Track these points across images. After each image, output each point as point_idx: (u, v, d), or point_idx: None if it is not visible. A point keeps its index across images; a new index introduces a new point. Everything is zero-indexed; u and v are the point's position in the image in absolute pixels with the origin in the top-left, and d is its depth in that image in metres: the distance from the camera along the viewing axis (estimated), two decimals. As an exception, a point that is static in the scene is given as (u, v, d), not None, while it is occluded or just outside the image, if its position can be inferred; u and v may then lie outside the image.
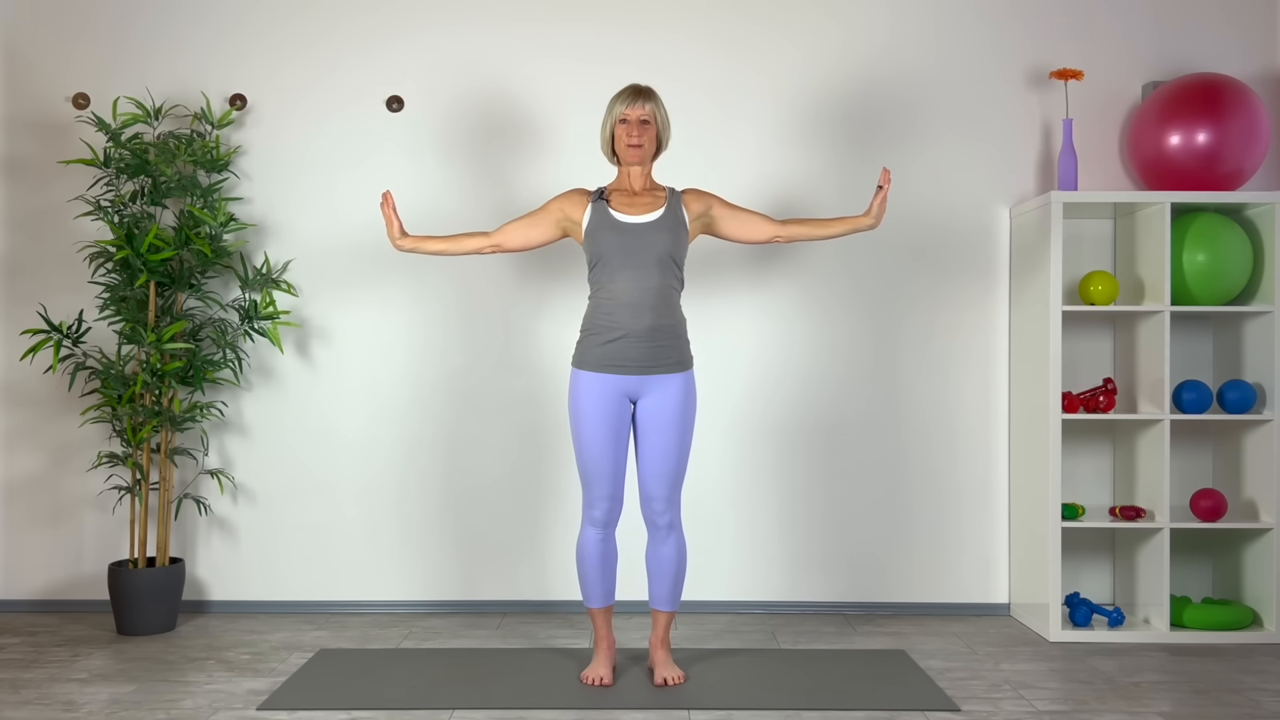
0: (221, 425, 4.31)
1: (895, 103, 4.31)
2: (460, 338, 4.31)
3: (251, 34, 4.32)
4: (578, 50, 4.29)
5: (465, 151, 4.30)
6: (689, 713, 3.16)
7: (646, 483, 3.38)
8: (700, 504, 4.27)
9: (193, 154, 4.03)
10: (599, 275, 3.35)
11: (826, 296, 4.31)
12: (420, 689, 3.34)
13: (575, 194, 3.44)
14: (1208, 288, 3.97)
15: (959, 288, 4.31)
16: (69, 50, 4.31)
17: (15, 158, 4.32)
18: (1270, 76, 4.30)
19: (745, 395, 4.31)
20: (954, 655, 3.75)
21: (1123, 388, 4.22)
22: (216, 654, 3.75)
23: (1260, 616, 3.99)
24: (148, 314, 4.02)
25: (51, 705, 3.22)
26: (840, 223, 3.45)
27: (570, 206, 3.43)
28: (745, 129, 4.28)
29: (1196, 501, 3.97)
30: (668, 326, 3.33)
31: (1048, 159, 4.30)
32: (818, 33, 4.31)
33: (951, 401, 4.30)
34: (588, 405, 3.32)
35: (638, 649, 3.78)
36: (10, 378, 4.32)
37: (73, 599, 4.31)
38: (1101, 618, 4.11)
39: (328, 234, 4.31)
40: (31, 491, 4.32)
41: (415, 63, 4.31)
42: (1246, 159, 4.01)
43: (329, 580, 4.31)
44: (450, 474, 4.31)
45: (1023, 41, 4.31)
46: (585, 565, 3.42)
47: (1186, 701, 3.27)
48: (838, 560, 4.32)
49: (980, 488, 4.31)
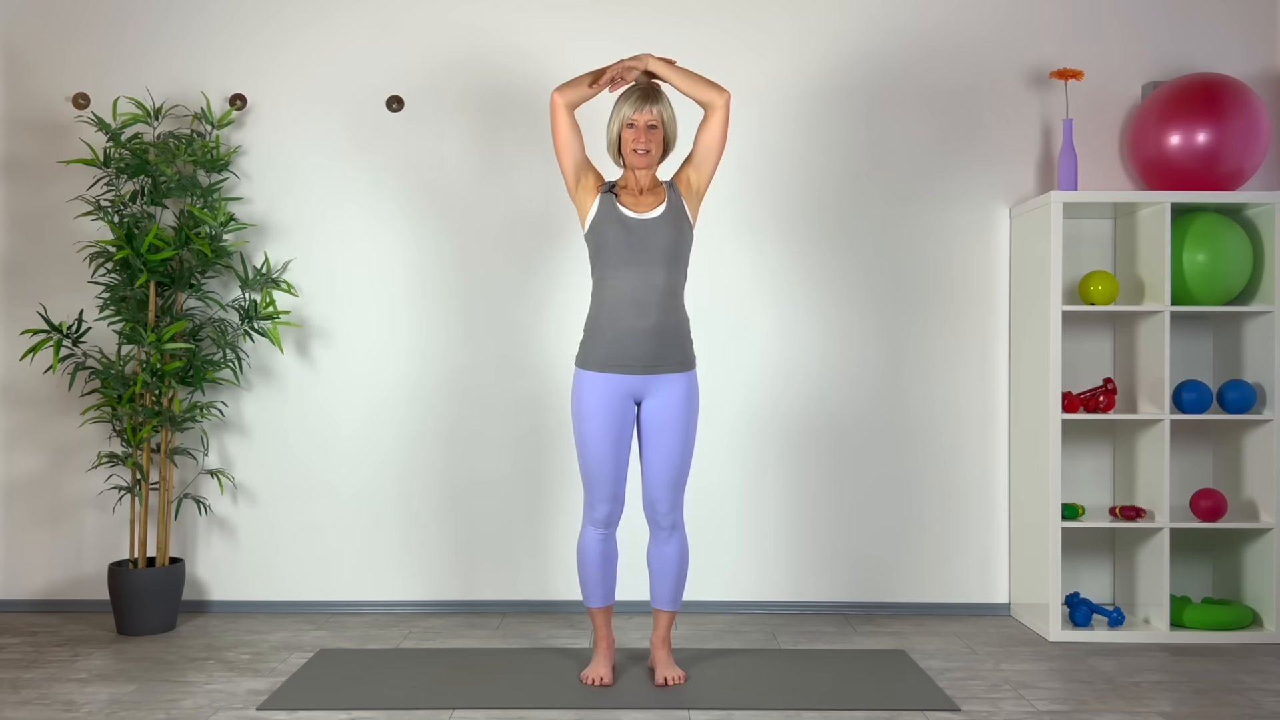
0: (221, 425, 4.31)
1: (895, 102, 4.31)
2: (460, 337, 4.31)
3: (251, 34, 4.32)
4: (580, 45, 4.28)
5: (466, 150, 4.30)
6: (689, 713, 3.16)
7: (650, 484, 3.37)
8: (701, 504, 4.27)
9: (193, 154, 4.03)
10: (601, 271, 3.33)
11: (827, 296, 4.31)
12: (420, 689, 3.34)
13: (597, 176, 3.38)
14: (1208, 288, 3.97)
15: (959, 288, 4.30)
16: (69, 50, 4.31)
17: (15, 158, 4.32)
18: (1270, 76, 4.30)
19: (746, 395, 4.31)
20: (954, 655, 3.75)
21: (1123, 388, 4.22)
22: (216, 654, 3.74)
23: (1260, 616, 3.99)
24: (148, 314, 4.02)
25: (51, 705, 3.22)
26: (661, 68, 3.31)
27: (591, 178, 3.36)
28: (743, 125, 4.27)
29: (1196, 501, 3.97)
30: (672, 325, 3.32)
31: (1048, 159, 4.30)
32: (817, 30, 4.31)
33: (951, 401, 4.30)
34: (591, 406, 3.31)
35: (638, 649, 3.78)
36: (10, 378, 4.32)
37: (73, 599, 4.31)
38: (1101, 618, 4.11)
39: (328, 234, 4.31)
40: (31, 491, 4.32)
41: (415, 62, 4.31)
42: (1246, 159, 4.00)
43: (329, 580, 4.31)
44: (450, 474, 4.31)
45: (1023, 41, 4.31)
46: (586, 565, 3.42)
47: (1186, 701, 3.27)
48: (838, 560, 4.32)
49: (980, 487, 4.31)
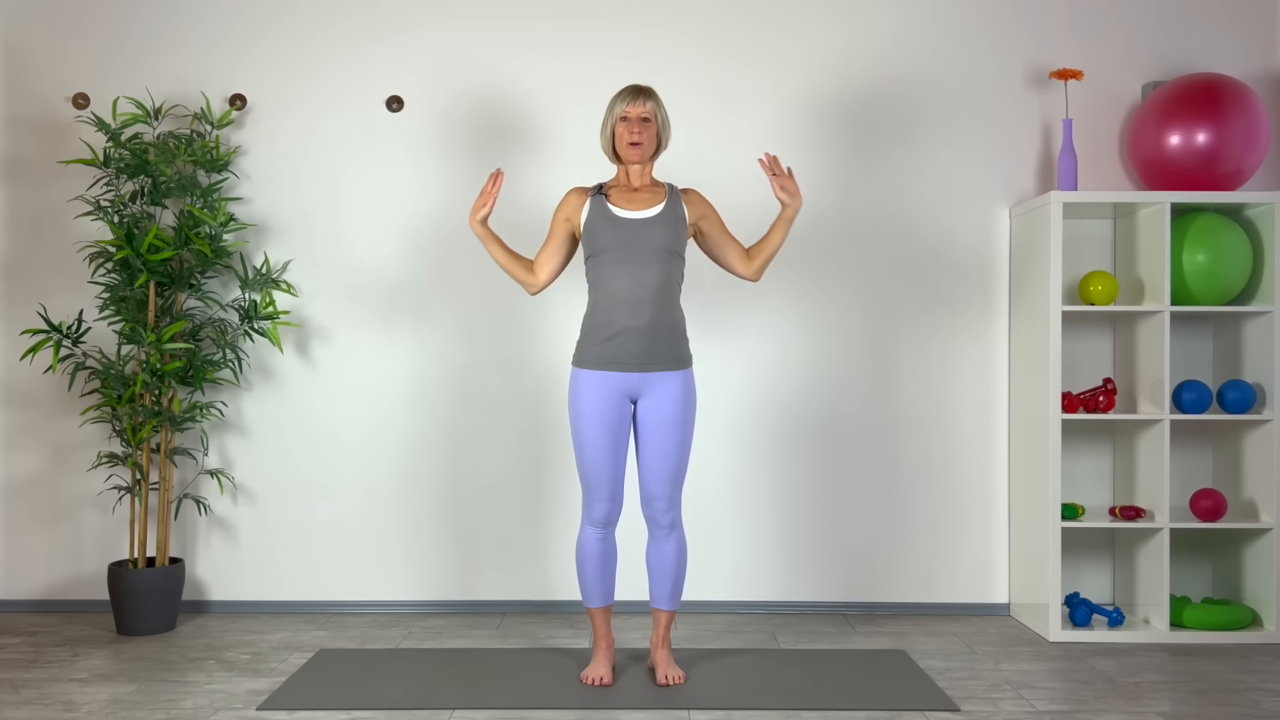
0: (221, 425, 4.31)
1: (895, 103, 4.31)
2: (460, 337, 4.31)
3: (251, 34, 4.32)
4: (578, 49, 4.29)
5: (465, 150, 4.30)
6: (689, 713, 3.16)
7: (648, 483, 3.38)
8: (700, 503, 4.27)
9: (193, 154, 4.03)
10: (596, 271, 3.35)
11: (828, 296, 4.31)
12: (420, 689, 3.34)
13: (573, 195, 3.44)
14: (1208, 288, 3.97)
15: (959, 288, 4.31)
16: (69, 50, 4.31)
17: (15, 158, 4.32)
18: (1270, 76, 4.31)
19: (746, 395, 4.31)
20: (954, 655, 3.75)
21: (1123, 388, 4.22)
22: (216, 654, 3.74)
23: (1260, 616, 3.99)
24: (148, 314, 4.02)
25: (51, 705, 3.22)
26: (779, 228, 3.42)
27: (570, 209, 3.43)
28: (745, 129, 4.28)
29: (1196, 501, 3.97)
30: (667, 323, 3.33)
31: (1048, 159, 4.30)
32: (818, 32, 4.31)
33: (951, 401, 4.30)
34: (588, 405, 3.32)
35: (638, 649, 3.78)
36: (10, 378, 4.32)
37: (73, 599, 4.31)
38: (1101, 618, 4.11)
39: (328, 234, 4.31)
40: (31, 491, 4.32)
41: (415, 62, 4.31)
42: (1246, 159, 4.00)
43: (329, 580, 4.31)
44: (450, 474, 4.31)
45: (1023, 41, 4.31)
46: (585, 565, 3.42)
47: (1186, 701, 3.27)
48: (838, 560, 4.32)
49: (980, 487, 4.31)
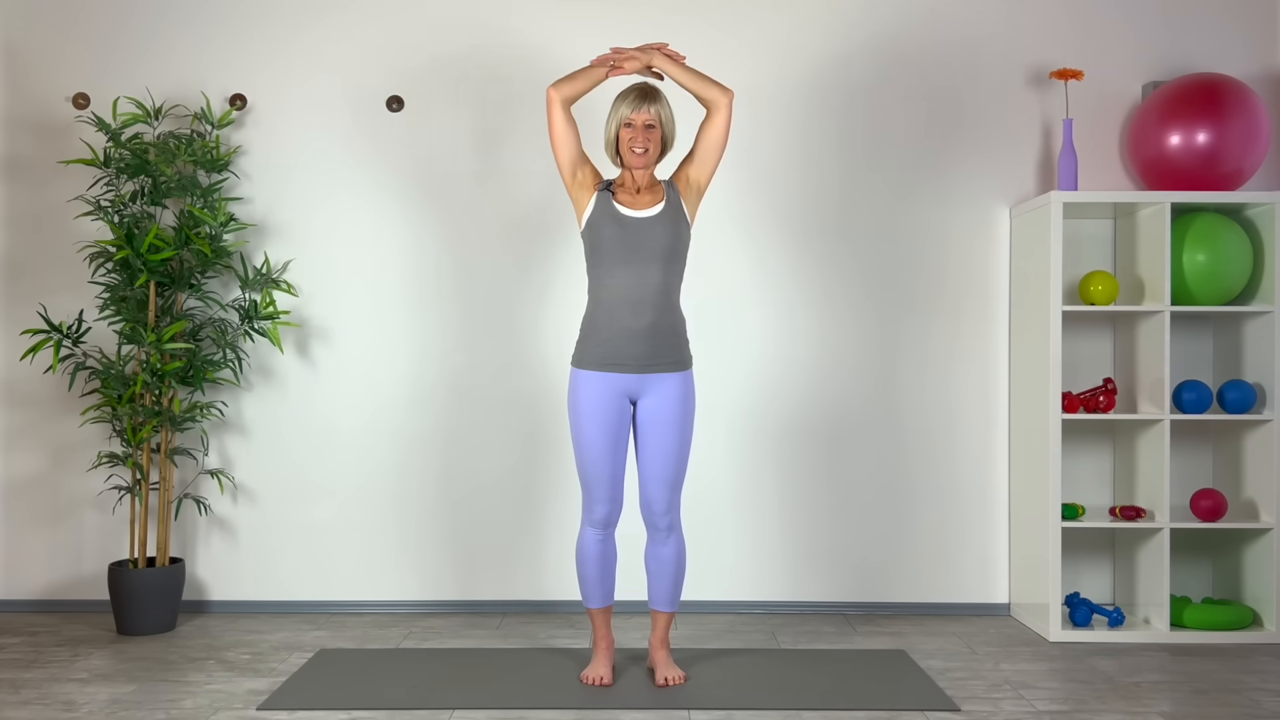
0: (221, 425, 4.31)
1: (895, 102, 4.31)
2: (460, 337, 4.31)
3: (251, 34, 4.32)
4: (579, 46, 4.28)
5: (466, 150, 4.30)
6: (689, 713, 3.16)
7: (647, 485, 3.37)
8: (700, 504, 4.27)
9: (193, 154, 4.03)
10: (597, 271, 3.33)
11: (827, 296, 4.31)
12: (420, 689, 3.34)
13: (594, 173, 3.38)
14: (1208, 288, 3.97)
15: (959, 288, 4.30)
16: (68, 50, 4.31)
17: (15, 158, 4.32)
18: (1270, 76, 4.30)
19: (745, 395, 4.31)
20: (954, 655, 3.75)
21: (1123, 388, 4.22)
22: (216, 654, 3.74)
23: (1260, 616, 3.99)
24: (148, 314, 4.02)
25: (51, 705, 3.22)
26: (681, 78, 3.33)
27: (588, 174, 3.36)
28: (742, 126, 4.27)
29: (1196, 501, 3.97)
30: (667, 325, 3.32)
31: (1048, 159, 4.30)
32: (817, 30, 4.30)
33: (951, 401, 4.30)
34: (587, 406, 3.31)
35: (638, 649, 3.78)
36: (10, 378, 4.32)
37: (73, 599, 4.31)
38: (1101, 618, 4.11)
39: (327, 234, 4.31)
40: (31, 491, 4.32)
41: (415, 62, 4.31)
42: (1246, 159, 4.00)
43: (329, 580, 4.31)
44: (450, 474, 4.31)
45: (1023, 41, 4.31)
46: (585, 566, 3.41)
47: (1186, 701, 3.27)
48: (838, 560, 4.31)
49: (980, 487, 4.31)
